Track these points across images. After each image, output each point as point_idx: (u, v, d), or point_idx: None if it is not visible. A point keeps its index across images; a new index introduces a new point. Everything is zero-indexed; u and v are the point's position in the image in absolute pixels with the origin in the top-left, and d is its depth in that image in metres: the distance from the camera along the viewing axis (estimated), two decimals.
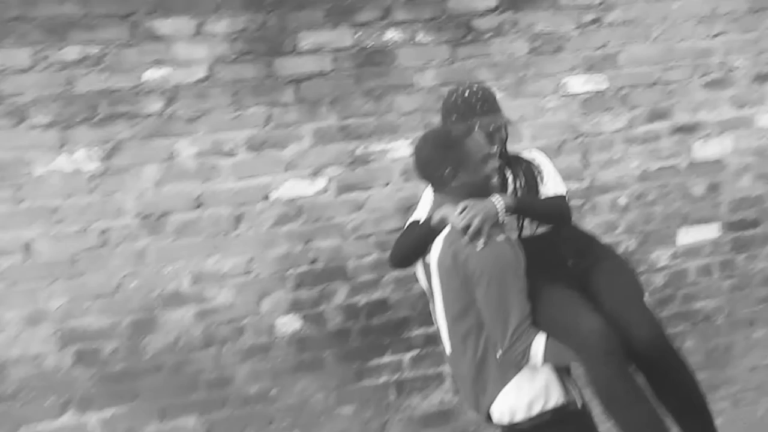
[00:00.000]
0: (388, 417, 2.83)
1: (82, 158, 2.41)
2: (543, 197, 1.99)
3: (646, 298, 1.94)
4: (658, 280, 3.03)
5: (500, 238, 1.74)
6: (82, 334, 2.48)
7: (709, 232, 3.09)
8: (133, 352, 2.54)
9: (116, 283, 2.49)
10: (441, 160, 1.78)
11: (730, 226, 3.12)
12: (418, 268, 1.98)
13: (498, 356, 1.73)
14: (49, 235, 2.42)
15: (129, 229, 2.49)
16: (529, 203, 1.95)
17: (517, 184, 2.00)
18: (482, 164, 1.80)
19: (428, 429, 2.82)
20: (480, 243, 1.68)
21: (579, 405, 1.81)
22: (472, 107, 1.95)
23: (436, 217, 1.79)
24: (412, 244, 1.92)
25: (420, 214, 2.00)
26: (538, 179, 2.05)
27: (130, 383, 2.54)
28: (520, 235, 1.95)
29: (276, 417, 2.71)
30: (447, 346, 1.91)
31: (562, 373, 1.81)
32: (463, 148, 1.78)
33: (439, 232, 1.80)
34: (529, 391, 1.74)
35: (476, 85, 2.12)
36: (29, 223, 2.40)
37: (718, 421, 2.83)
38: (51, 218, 2.42)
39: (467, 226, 1.67)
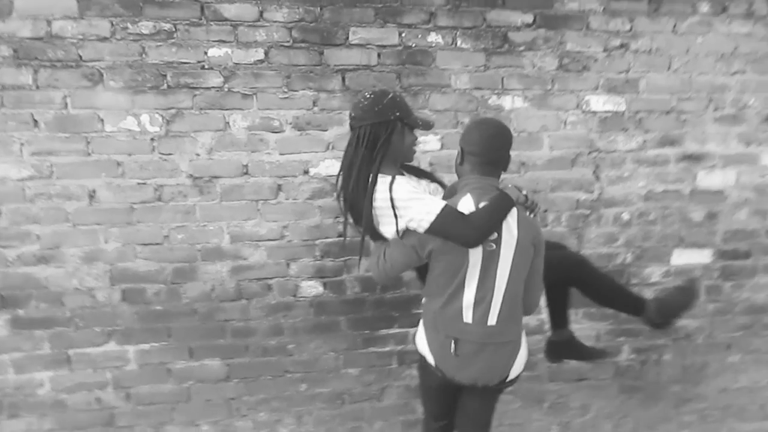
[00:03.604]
0: (388, 383, 3.03)
1: (147, 121, 2.60)
2: None
3: None
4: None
5: None
6: (131, 275, 2.71)
7: (702, 256, 3.16)
8: (172, 296, 2.76)
9: (165, 233, 2.70)
10: (509, 145, 1.98)
11: (722, 254, 3.18)
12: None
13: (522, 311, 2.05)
14: (112, 185, 2.62)
15: (181, 187, 2.67)
16: None
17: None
18: None
19: None
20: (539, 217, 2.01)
21: None
22: (406, 105, 2.07)
23: (514, 196, 1.90)
24: (497, 221, 1.90)
25: (439, 200, 1.95)
26: None
27: (167, 323, 2.77)
28: None
29: (289, 369, 2.92)
30: (494, 318, 1.93)
31: None
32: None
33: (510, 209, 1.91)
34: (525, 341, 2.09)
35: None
36: (96, 173, 2.60)
37: None
38: (115, 171, 2.61)
39: (534, 203, 1.98)
